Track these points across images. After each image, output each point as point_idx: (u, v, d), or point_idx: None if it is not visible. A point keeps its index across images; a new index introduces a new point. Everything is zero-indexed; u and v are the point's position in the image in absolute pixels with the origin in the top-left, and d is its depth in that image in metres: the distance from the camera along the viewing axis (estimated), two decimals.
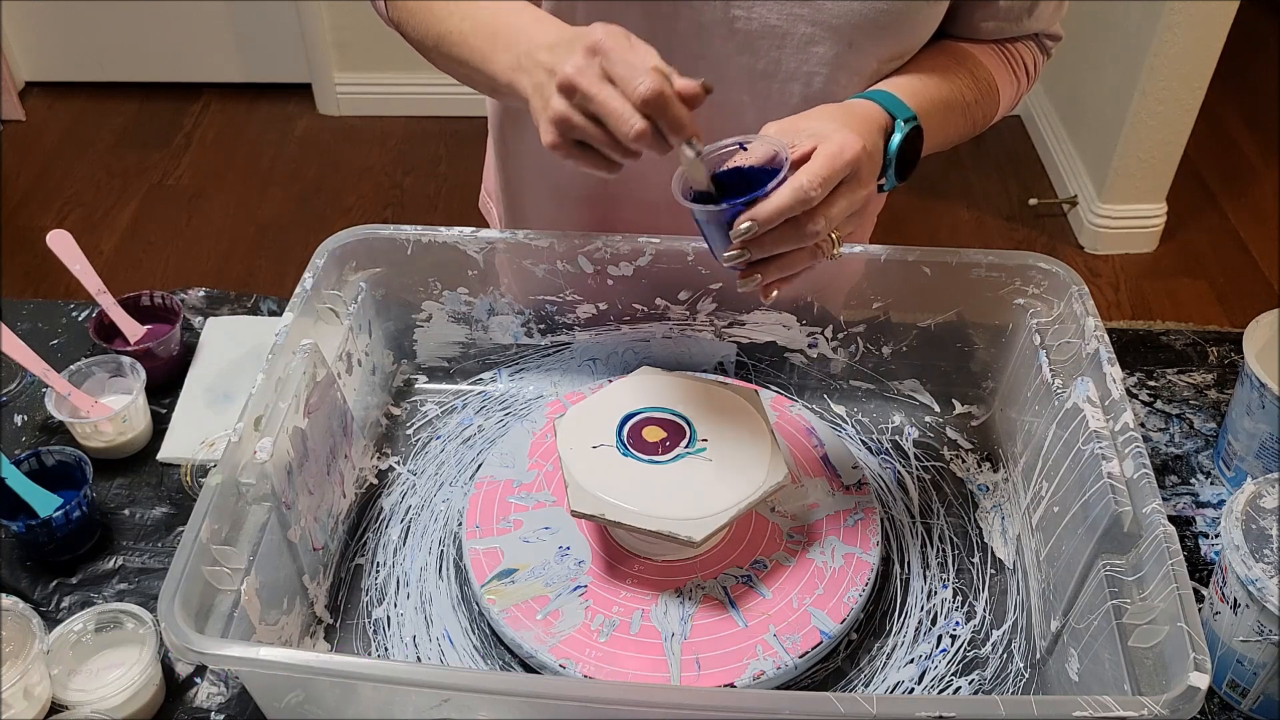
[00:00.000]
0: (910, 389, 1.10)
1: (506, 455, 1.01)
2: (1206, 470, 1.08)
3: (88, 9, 3.08)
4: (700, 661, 0.85)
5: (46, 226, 1.66)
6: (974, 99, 0.97)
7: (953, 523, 1.00)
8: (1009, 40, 1.02)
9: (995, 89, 1.00)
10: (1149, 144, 2.61)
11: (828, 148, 0.77)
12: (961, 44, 0.99)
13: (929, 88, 0.93)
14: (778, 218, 0.76)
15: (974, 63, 0.99)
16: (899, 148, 0.86)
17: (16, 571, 0.98)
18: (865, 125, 0.83)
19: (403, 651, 0.90)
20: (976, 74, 0.98)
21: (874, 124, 0.85)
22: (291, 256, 2.71)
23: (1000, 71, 1.00)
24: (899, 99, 0.88)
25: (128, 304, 1.17)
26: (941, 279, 1.01)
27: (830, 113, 0.84)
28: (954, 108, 0.95)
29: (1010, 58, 1.01)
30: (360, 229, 1.02)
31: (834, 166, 0.76)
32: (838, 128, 0.79)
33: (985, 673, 0.89)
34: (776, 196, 0.75)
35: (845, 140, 0.78)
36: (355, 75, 3.15)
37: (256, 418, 0.85)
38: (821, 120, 0.82)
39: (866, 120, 0.84)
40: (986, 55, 1.00)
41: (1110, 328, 0.97)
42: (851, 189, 0.79)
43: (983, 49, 1.00)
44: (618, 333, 1.08)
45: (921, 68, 0.95)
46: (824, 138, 0.78)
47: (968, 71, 0.97)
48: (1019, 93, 1.04)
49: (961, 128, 0.98)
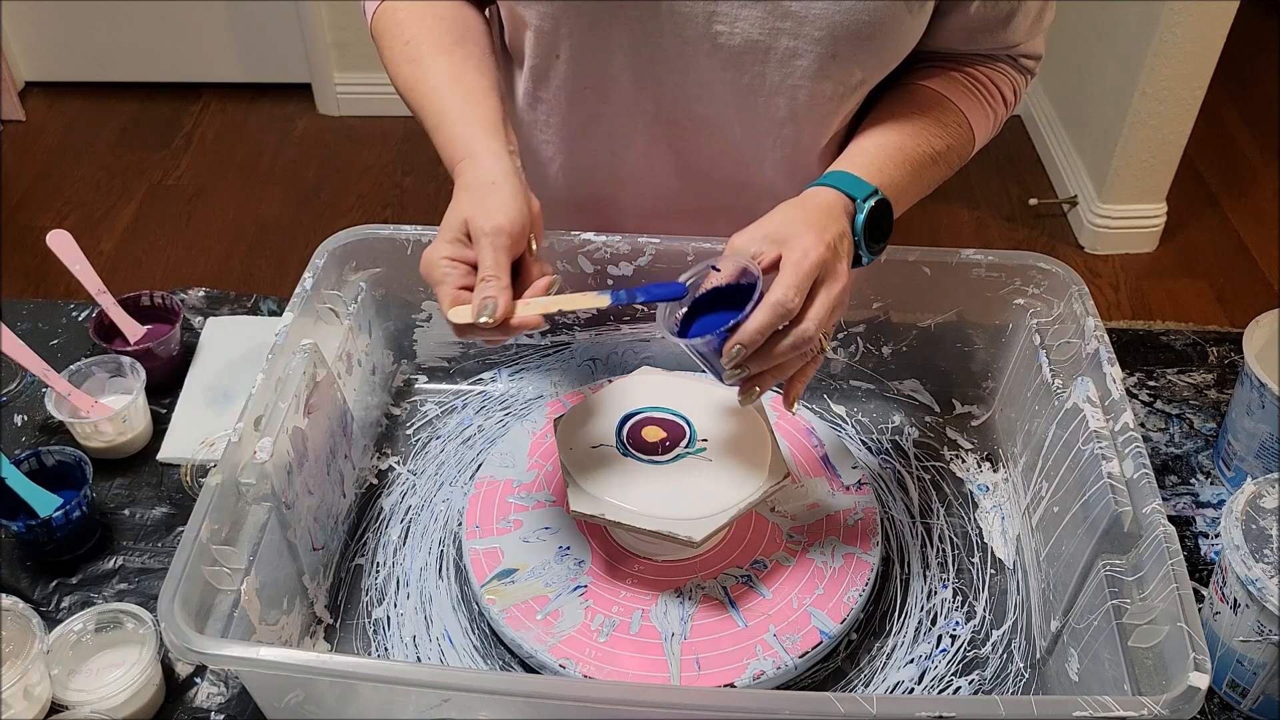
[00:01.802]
0: (910, 389, 1.10)
1: (506, 455, 1.01)
2: (1206, 470, 1.08)
3: (88, 9, 3.08)
4: (700, 661, 0.85)
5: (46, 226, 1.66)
6: (946, 146, 0.96)
7: (953, 523, 1.00)
8: (985, 62, 1.00)
9: (968, 127, 0.98)
10: (1149, 144, 2.60)
11: (792, 255, 0.79)
12: (930, 87, 0.98)
13: (894, 153, 0.92)
14: (762, 336, 0.78)
15: (943, 108, 0.97)
16: (865, 224, 0.86)
17: (16, 571, 0.98)
18: (827, 217, 0.84)
19: (403, 651, 0.90)
20: (945, 120, 0.97)
21: (836, 212, 0.85)
22: (291, 256, 2.70)
23: (974, 108, 0.99)
24: (857, 178, 0.88)
25: (128, 304, 1.17)
26: (941, 279, 1.01)
27: (791, 214, 0.84)
28: (925, 162, 0.94)
29: (983, 89, 0.99)
30: (360, 229, 1.02)
31: (801, 273, 0.78)
32: (801, 230, 0.81)
33: (985, 673, 0.89)
34: (756, 316, 0.77)
35: (807, 246, 0.79)
36: (355, 75, 3.15)
37: (256, 418, 0.85)
38: (781, 224, 0.82)
39: (828, 211, 0.85)
40: (957, 93, 0.98)
41: (1110, 328, 0.97)
42: (828, 288, 0.80)
43: (952, 85, 0.98)
44: (618, 333, 1.08)
45: (887, 129, 0.94)
46: (788, 244, 0.80)
47: (935, 120, 0.96)
48: (996, 121, 1.02)
49: (937, 176, 0.97)
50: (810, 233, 0.80)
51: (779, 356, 0.80)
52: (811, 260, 0.79)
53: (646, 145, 1.01)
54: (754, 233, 0.83)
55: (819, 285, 0.79)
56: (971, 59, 1.00)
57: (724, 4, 0.89)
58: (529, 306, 0.78)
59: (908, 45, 0.94)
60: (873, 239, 0.87)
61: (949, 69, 0.99)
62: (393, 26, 0.95)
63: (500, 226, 0.79)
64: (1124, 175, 2.67)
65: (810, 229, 0.81)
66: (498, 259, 0.78)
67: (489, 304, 0.76)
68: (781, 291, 0.77)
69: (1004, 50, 1.00)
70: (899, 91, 0.98)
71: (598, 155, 1.03)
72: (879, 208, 0.87)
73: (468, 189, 0.83)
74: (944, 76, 0.98)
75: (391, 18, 0.96)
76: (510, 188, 0.82)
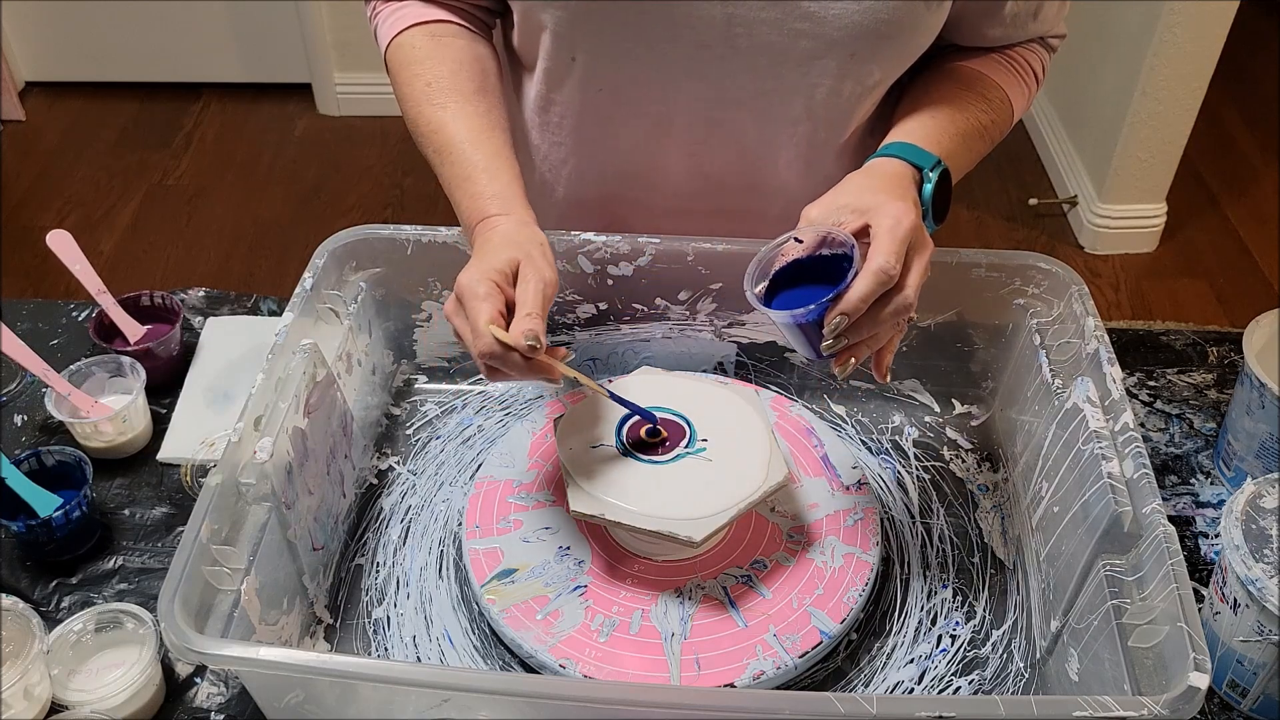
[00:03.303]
0: (910, 389, 1.10)
1: (506, 455, 1.01)
2: (1206, 470, 1.08)
3: (88, 9, 3.08)
4: (700, 661, 0.85)
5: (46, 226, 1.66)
6: (990, 120, 0.97)
7: (953, 523, 1.00)
8: (1015, 45, 1.01)
9: (1009, 102, 0.99)
10: (1149, 144, 2.60)
11: (885, 221, 0.78)
12: (968, 65, 0.99)
13: (947, 125, 0.93)
14: (865, 305, 0.77)
15: (984, 84, 0.98)
16: (931, 195, 0.87)
17: (16, 571, 0.98)
18: (901, 186, 0.84)
19: (403, 651, 0.90)
20: (988, 95, 0.98)
21: (906, 181, 0.86)
22: (291, 256, 2.70)
23: (1011, 83, 1.00)
24: (920, 148, 0.89)
25: (128, 304, 1.17)
26: (941, 279, 1.01)
27: (865, 182, 0.84)
28: (973, 135, 0.95)
29: (1018, 66, 1.01)
30: (360, 229, 1.02)
31: (898, 238, 0.78)
32: (885, 199, 0.80)
33: (985, 673, 0.89)
34: (859, 285, 0.77)
35: (899, 210, 0.79)
36: (355, 75, 3.15)
37: (256, 418, 0.85)
38: (859, 193, 0.82)
39: (900, 180, 0.85)
40: (995, 70, 0.99)
41: (1110, 328, 0.97)
42: (920, 254, 0.80)
43: (989, 63, 0.99)
44: (618, 333, 1.08)
45: (935, 103, 0.95)
46: (874, 212, 0.79)
47: (979, 95, 0.97)
48: (1030, 96, 1.04)
49: (982, 149, 0.99)
50: (896, 199, 0.80)
51: (879, 325, 0.79)
52: (905, 226, 0.78)
53: (660, 147, 1.01)
54: (830, 202, 0.82)
55: (913, 251, 0.79)
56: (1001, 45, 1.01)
57: (741, 6, 0.89)
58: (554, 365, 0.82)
59: (924, 43, 0.94)
60: (940, 208, 0.88)
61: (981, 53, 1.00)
62: (411, 64, 0.96)
63: (552, 280, 0.82)
64: (1124, 175, 2.67)
65: (895, 196, 0.81)
66: (542, 304, 0.80)
67: (533, 335, 0.78)
68: (883, 258, 0.77)
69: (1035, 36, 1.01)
70: (939, 70, 0.99)
71: (610, 157, 1.03)
72: (942, 177, 0.88)
73: (511, 241, 0.84)
74: (979, 57, 1.00)
75: (409, 54, 0.96)
76: (550, 252, 0.84)
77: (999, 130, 1.00)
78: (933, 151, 0.89)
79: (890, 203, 0.80)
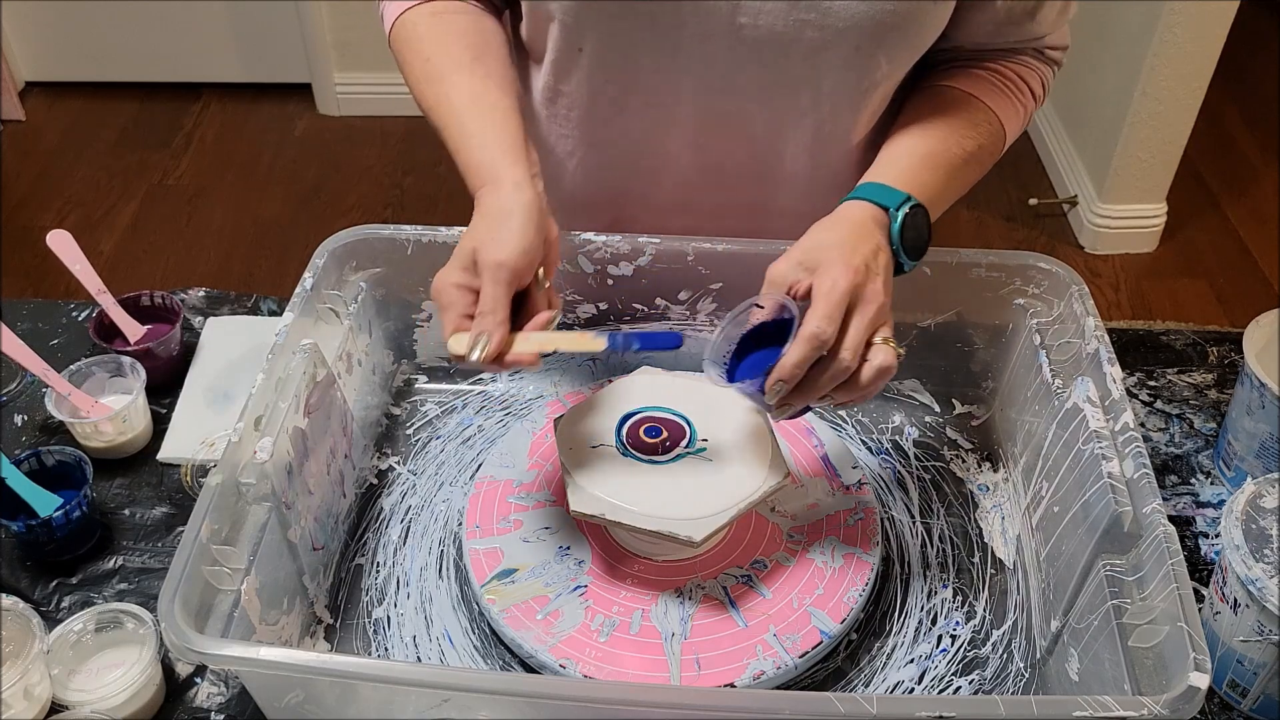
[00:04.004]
0: (910, 389, 1.10)
1: (506, 455, 1.01)
2: (1206, 470, 1.08)
3: (88, 9, 3.08)
4: (700, 661, 0.85)
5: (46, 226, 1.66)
6: (977, 145, 0.96)
7: (953, 523, 1.00)
8: (1010, 57, 1.00)
9: (999, 125, 0.98)
10: (1149, 144, 2.60)
11: (824, 285, 0.80)
12: (959, 87, 0.98)
13: (927, 157, 0.93)
14: (800, 370, 0.80)
15: (973, 108, 0.97)
16: (900, 233, 0.87)
17: (16, 571, 0.98)
18: (857, 236, 0.84)
19: (403, 651, 0.90)
20: (977, 119, 0.97)
21: (868, 228, 0.86)
22: (291, 256, 2.70)
23: (1002, 104, 0.99)
24: (888, 187, 0.89)
25: (128, 304, 1.17)
26: (941, 279, 1.01)
27: (823, 237, 0.85)
28: (959, 164, 0.95)
29: (1011, 85, 0.99)
30: (360, 229, 1.02)
31: (831, 303, 0.79)
32: (831, 258, 0.81)
33: (985, 673, 0.89)
34: (793, 352, 0.79)
35: (835, 276, 0.80)
36: (355, 75, 3.15)
37: (256, 418, 0.85)
38: (814, 250, 0.83)
39: (859, 229, 0.85)
40: (986, 91, 0.98)
41: (1110, 328, 0.97)
42: (861, 313, 0.81)
43: (980, 84, 0.98)
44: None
45: (918, 133, 0.94)
46: (819, 272, 0.81)
47: (966, 120, 0.96)
48: (1025, 115, 1.03)
49: (972, 176, 0.98)
50: (839, 260, 0.81)
51: (822, 388, 0.81)
52: (841, 289, 0.80)
53: (667, 138, 1.01)
54: (789, 260, 0.84)
55: (852, 312, 0.80)
56: (997, 55, 1.00)
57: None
58: (526, 342, 0.80)
59: (930, 37, 0.94)
60: (913, 246, 0.88)
61: (974, 68, 0.99)
62: (412, 41, 0.95)
63: (502, 262, 0.80)
64: (1124, 175, 2.67)
65: (839, 256, 0.82)
66: (497, 294, 0.80)
67: (482, 339, 0.78)
68: (815, 324, 0.79)
69: (1030, 43, 1.00)
70: (926, 94, 0.99)
71: (617, 149, 1.03)
72: (914, 215, 0.88)
73: (484, 217, 0.84)
74: (971, 76, 0.99)
75: (411, 32, 0.96)
76: (523, 219, 0.83)
77: (990, 154, 0.99)
78: (905, 188, 0.89)
79: (834, 265, 0.81)
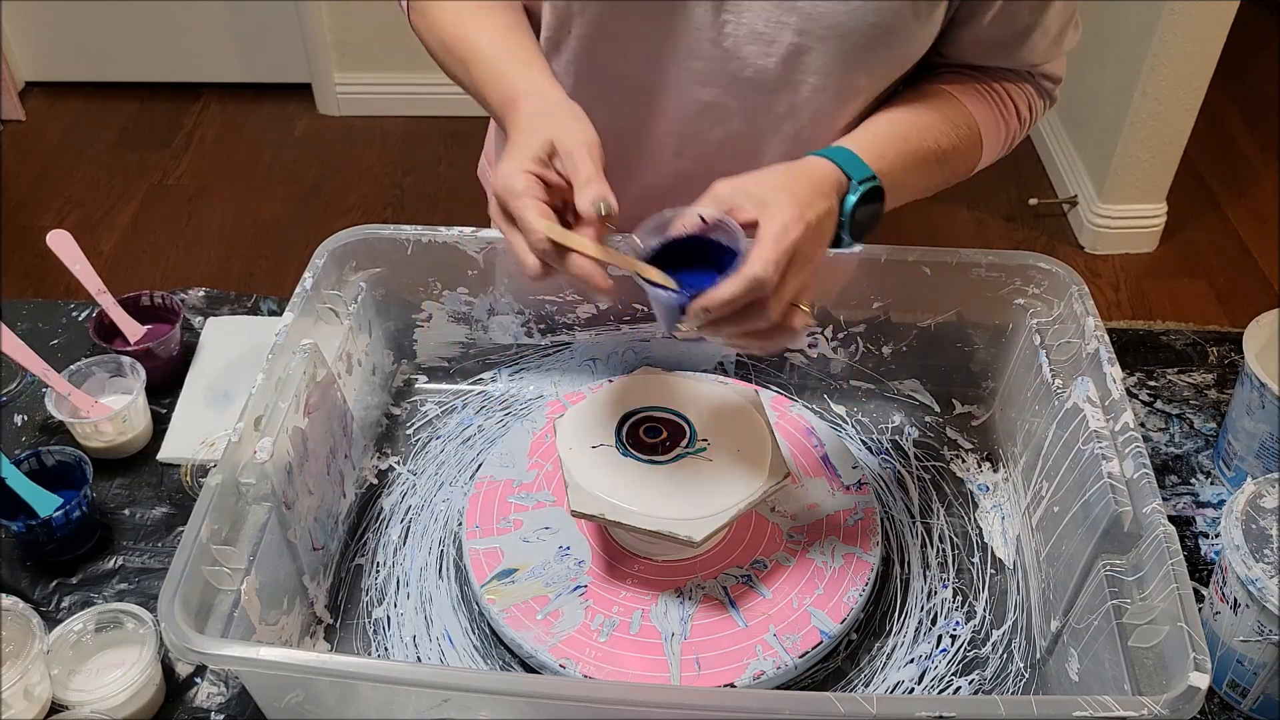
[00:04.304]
0: (910, 389, 1.10)
1: (506, 455, 1.01)
2: (1206, 470, 1.08)
3: (88, 9, 3.08)
4: (700, 661, 0.85)
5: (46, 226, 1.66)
6: (951, 146, 0.94)
7: (953, 523, 1.00)
8: (1006, 76, 0.99)
9: (976, 131, 0.97)
10: (1149, 144, 2.60)
11: (773, 226, 0.76)
12: (945, 87, 0.97)
13: (898, 141, 0.91)
14: (731, 309, 0.76)
15: (953, 108, 0.96)
16: (854, 209, 0.84)
17: (16, 571, 0.98)
18: (814, 191, 0.81)
19: (403, 651, 0.90)
20: (955, 119, 0.95)
21: (827, 186, 0.83)
22: (291, 256, 2.70)
23: (984, 113, 0.97)
24: (859, 158, 0.86)
25: (128, 304, 1.17)
26: (941, 279, 1.01)
27: (781, 179, 0.82)
28: (928, 159, 0.93)
29: (998, 98, 0.98)
30: (360, 229, 1.02)
31: (780, 249, 0.76)
32: (785, 202, 0.78)
33: (985, 673, 0.89)
34: (728, 286, 0.75)
35: (788, 221, 0.77)
36: (355, 75, 3.15)
37: (256, 418, 0.85)
38: (769, 185, 0.80)
39: (817, 185, 0.82)
40: (970, 97, 0.97)
41: (1110, 328, 0.97)
42: (799, 270, 0.78)
43: (967, 90, 0.97)
44: (618, 333, 1.08)
45: (895, 117, 0.93)
46: (769, 210, 0.77)
47: (945, 118, 0.95)
48: (1008, 135, 1.00)
49: (938, 176, 0.96)
50: (794, 207, 0.78)
51: (736, 330, 0.78)
52: (792, 238, 0.76)
53: (649, 127, 1.01)
54: (737, 185, 0.81)
55: (790, 267, 0.77)
56: (992, 72, 0.99)
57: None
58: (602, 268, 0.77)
59: (914, 53, 0.94)
60: (860, 225, 0.86)
61: (967, 75, 0.99)
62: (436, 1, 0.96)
63: (595, 140, 0.79)
64: (1124, 175, 2.67)
65: (795, 203, 0.78)
66: (593, 170, 0.77)
67: (602, 202, 0.76)
68: (761, 268, 0.75)
69: (1024, 68, 0.99)
70: (912, 88, 0.98)
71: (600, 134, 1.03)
72: (873, 194, 0.86)
73: (542, 115, 0.82)
74: (960, 81, 0.98)
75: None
76: (586, 118, 0.82)
77: (962, 159, 0.97)
78: (871, 165, 0.86)
79: (789, 208, 0.77)
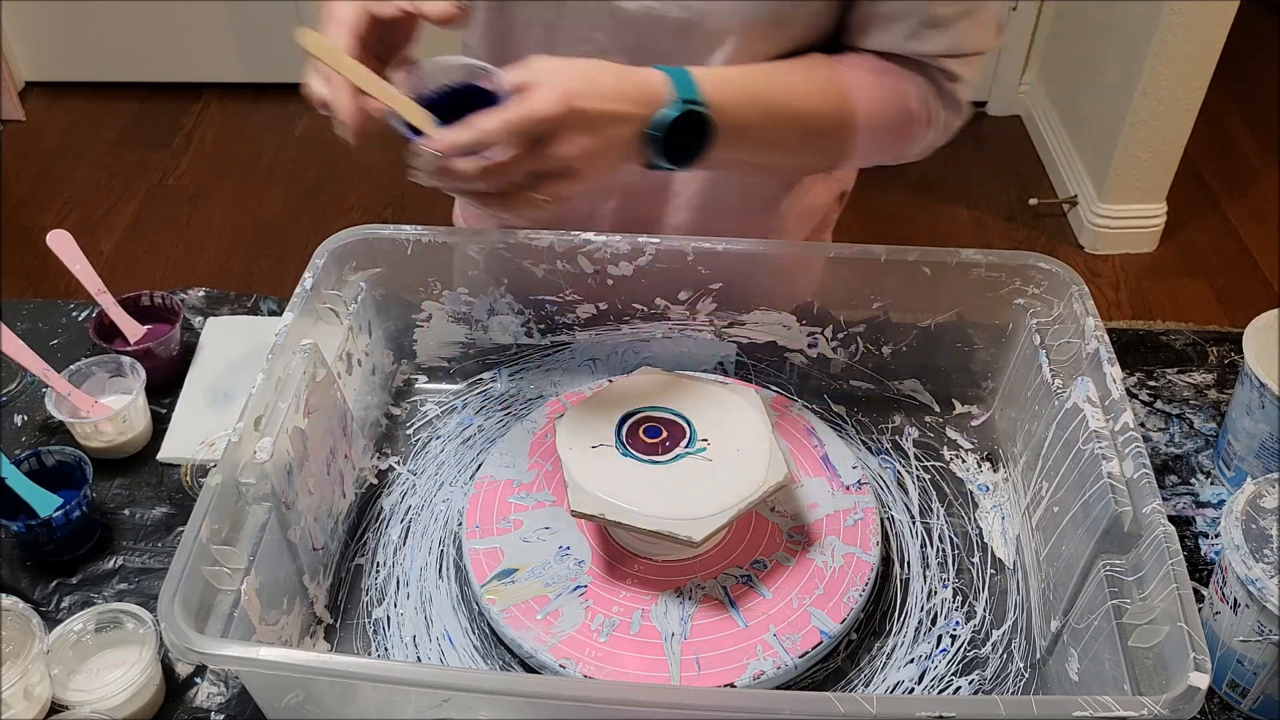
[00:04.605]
0: (910, 389, 1.10)
1: (506, 455, 1.01)
2: (1206, 470, 1.08)
3: (88, 9, 3.08)
4: (700, 661, 0.85)
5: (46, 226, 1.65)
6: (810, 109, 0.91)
7: (953, 523, 1.00)
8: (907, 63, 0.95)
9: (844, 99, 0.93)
10: (1149, 144, 2.60)
11: (526, 97, 0.75)
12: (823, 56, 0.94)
13: (750, 85, 0.88)
14: (451, 151, 0.75)
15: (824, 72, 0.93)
16: (673, 127, 0.81)
17: (16, 571, 0.98)
18: (618, 92, 0.79)
19: (403, 651, 0.90)
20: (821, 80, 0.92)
21: (636, 93, 0.81)
22: (291, 256, 2.70)
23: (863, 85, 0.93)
24: (694, 82, 0.83)
25: (128, 304, 1.17)
26: (941, 279, 1.01)
27: (591, 68, 0.80)
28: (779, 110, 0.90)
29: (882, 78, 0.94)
30: (360, 229, 1.02)
31: (519, 114, 0.74)
32: (556, 80, 0.76)
33: (985, 673, 0.89)
34: (454, 130, 0.75)
35: (548, 98, 0.75)
36: None
37: (256, 418, 0.85)
38: (554, 67, 0.78)
39: (627, 90, 0.80)
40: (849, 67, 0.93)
41: (1110, 328, 0.97)
42: (540, 151, 0.76)
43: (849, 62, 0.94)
44: (618, 333, 1.08)
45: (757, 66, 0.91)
46: (533, 86, 0.76)
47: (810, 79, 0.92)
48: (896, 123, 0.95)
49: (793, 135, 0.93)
50: (559, 88, 0.76)
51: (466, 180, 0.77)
52: (534, 112, 0.75)
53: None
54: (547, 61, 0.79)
55: (538, 144, 0.76)
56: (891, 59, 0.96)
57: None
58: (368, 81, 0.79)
59: (806, 35, 0.93)
60: (675, 146, 0.83)
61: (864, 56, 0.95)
62: None
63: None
64: (1124, 175, 2.67)
65: (565, 86, 0.77)
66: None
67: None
68: (491, 121, 0.74)
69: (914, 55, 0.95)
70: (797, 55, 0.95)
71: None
72: (698, 121, 0.83)
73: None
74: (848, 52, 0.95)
75: None
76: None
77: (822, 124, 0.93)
78: (709, 94, 0.83)
79: (553, 87, 0.76)
